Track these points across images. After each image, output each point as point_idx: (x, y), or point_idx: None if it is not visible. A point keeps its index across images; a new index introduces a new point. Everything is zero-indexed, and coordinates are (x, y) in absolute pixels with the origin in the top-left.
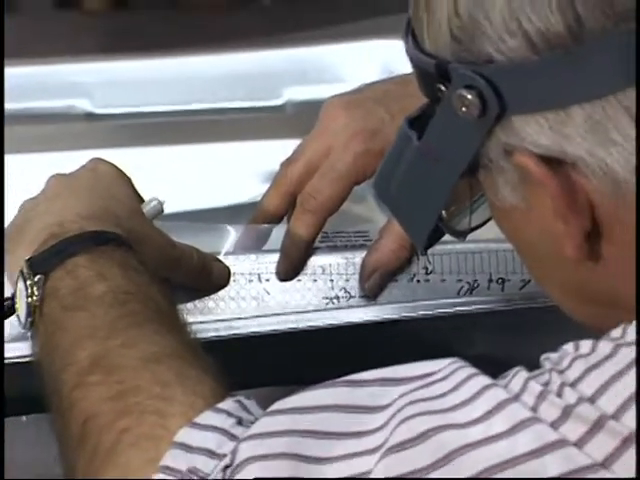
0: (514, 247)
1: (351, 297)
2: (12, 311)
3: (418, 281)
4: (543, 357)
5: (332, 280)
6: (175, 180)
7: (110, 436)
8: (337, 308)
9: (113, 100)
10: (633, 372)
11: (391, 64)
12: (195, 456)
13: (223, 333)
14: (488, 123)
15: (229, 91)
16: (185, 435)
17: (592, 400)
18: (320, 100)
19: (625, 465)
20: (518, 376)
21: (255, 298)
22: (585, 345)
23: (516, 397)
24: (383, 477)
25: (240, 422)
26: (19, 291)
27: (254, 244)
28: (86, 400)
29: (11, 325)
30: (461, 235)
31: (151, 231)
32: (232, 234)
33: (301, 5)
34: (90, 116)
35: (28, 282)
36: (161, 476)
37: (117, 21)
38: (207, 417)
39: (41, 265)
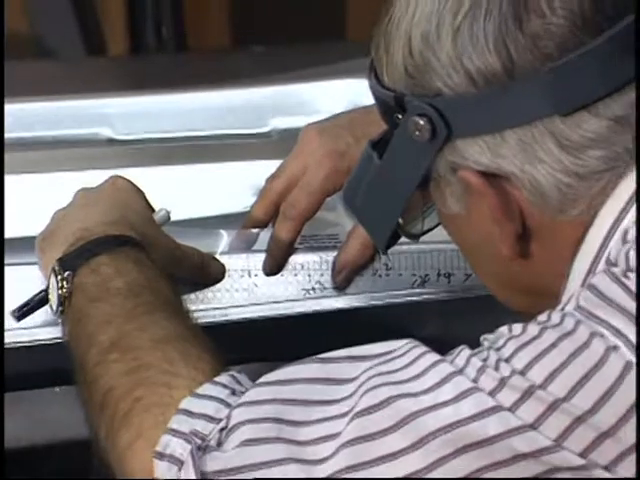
0: (459, 247)
1: (325, 289)
2: (46, 301)
3: (380, 276)
4: (482, 337)
5: (309, 275)
6: (179, 193)
7: (126, 404)
8: (313, 298)
9: (130, 128)
10: (556, 350)
11: (358, 99)
12: (196, 420)
13: (220, 319)
14: (437, 145)
15: (225, 121)
16: (188, 403)
17: (523, 373)
18: (299, 128)
19: (551, 426)
20: (462, 353)
21: (246, 290)
22: (516, 328)
23: (460, 370)
24: (351, 437)
25: (234, 393)
26: (51, 285)
27: (245, 245)
28: (106, 375)
29: (46, 313)
30: (415, 238)
31: (160, 236)
32: (225, 237)
33: (286, 51)
34: (111, 141)
35: (59, 277)
36: (168, 437)
37: (135, 63)
38: (206, 389)
39: (70, 263)
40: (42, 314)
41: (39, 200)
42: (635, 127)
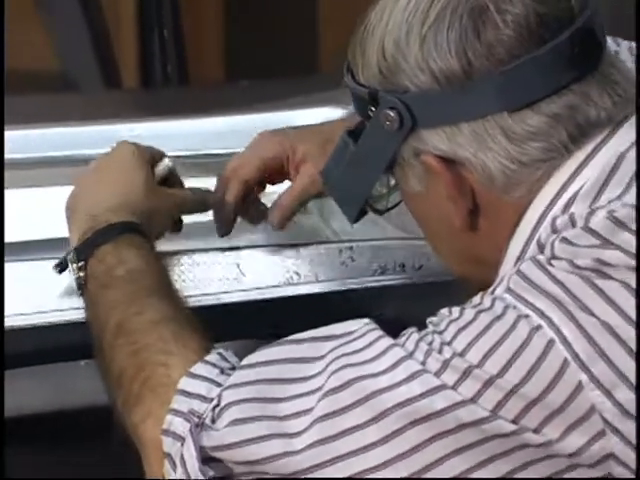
0: (419, 224)
1: (300, 277)
2: (65, 266)
3: (346, 266)
4: (428, 320)
5: (288, 266)
6: None
7: (137, 385)
8: (290, 284)
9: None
10: (489, 332)
11: None
12: (192, 400)
13: (213, 302)
14: (404, 133)
15: (218, 142)
16: (184, 384)
17: (462, 354)
18: None
19: (487, 399)
20: (412, 337)
21: (235, 279)
22: (455, 311)
23: (411, 354)
24: (321, 414)
25: (222, 371)
26: (71, 269)
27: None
28: (117, 357)
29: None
30: (380, 213)
31: (159, 202)
32: None
33: (267, 84)
34: None
35: (75, 265)
36: (171, 416)
37: (145, 94)
38: (199, 368)
39: (82, 253)
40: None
41: (60, 211)
42: (636, 128)
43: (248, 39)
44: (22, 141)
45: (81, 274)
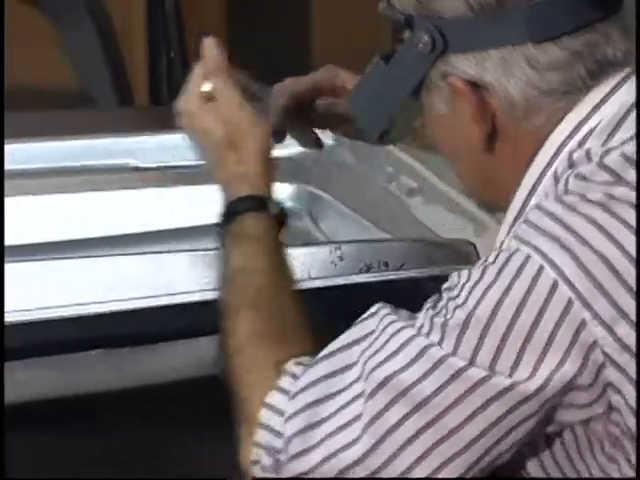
0: (441, 148)
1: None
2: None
3: (335, 265)
4: (443, 287)
5: None
6: (191, 206)
7: (240, 378)
8: None
9: (151, 159)
10: (496, 286)
11: None
12: (269, 434)
13: None
14: (434, 56)
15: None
16: (264, 417)
17: (474, 309)
18: None
19: (505, 359)
20: (427, 316)
21: None
22: (463, 275)
23: (432, 344)
24: (369, 419)
25: (292, 396)
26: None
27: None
28: (236, 334)
29: None
30: (389, 143)
31: (255, 143)
32: None
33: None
34: (137, 169)
35: (219, 233)
36: (256, 450)
37: (154, 111)
38: (272, 397)
39: (222, 226)
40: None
41: (82, 214)
42: (636, 122)
43: (247, 62)
44: (43, 152)
45: (221, 242)
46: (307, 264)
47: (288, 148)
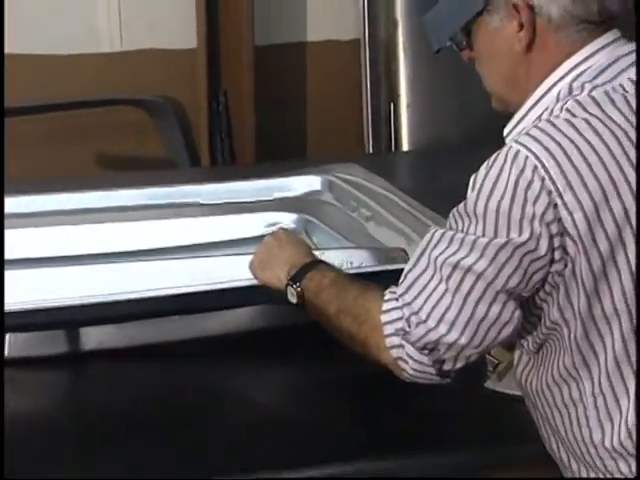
0: (483, 59)
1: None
2: (278, 299)
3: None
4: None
5: None
6: (230, 223)
7: (362, 332)
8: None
9: (210, 198)
10: (493, 169)
11: (314, 185)
12: (394, 323)
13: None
14: None
15: (248, 193)
16: (384, 317)
17: (478, 194)
18: (290, 197)
19: (510, 229)
20: (455, 217)
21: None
22: (477, 177)
23: (466, 233)
24: (452, 291)
25: (397, 299)
26: (289, 291)
27: None
28: (343, 327)
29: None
30: (438, 52)
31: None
32: None
33: (276, 164)
34: (201, 204)
35: (294, 286)
36: (388, 339)
37: (213, 169)
38: (385, 305)
39: (297, 280)
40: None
41: (168, 231)
42: (636, 117)
43: (277, 136)
44: (143, 194)
45: (299, 291)
46: None
47: (292, 191)
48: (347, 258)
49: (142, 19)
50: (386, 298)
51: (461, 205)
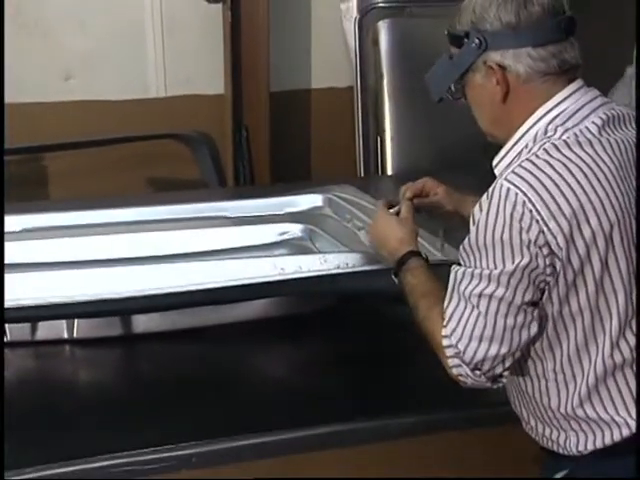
0: (475, 106)
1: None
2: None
3: (321, 264)
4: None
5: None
6: (250, 232)
7: (433, 340)
8: (297, 272)
9: (236, 212)
10: (493, 201)
11: (316, 202)
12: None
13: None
14: (480, 51)
15: (268, 208)
16: (445, 342)
17: (486, 224)
18: (299, 212)
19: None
20: (465, 253)
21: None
22: (476, 212)
23: (479, 269)
24: (483, 315)
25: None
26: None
27: None
28: (426, 320)
29: None
30: (440, 101)
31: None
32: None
33: (287, 185)
34: (227, 217)
35: (396, 278)
36: (450, 360)
37: (236, 189)
38: (445, 331)
39: (396, 271)
40: None
41: (198, 239)
42: (636, 123)
43: (287, 163)
44: (176, 210)
45: (399, 279)
46: (308, 264)
47: (299, 207)
48: (343, 260)
49: (181, 71)
50: (444, 324)
51: (466, 240)
